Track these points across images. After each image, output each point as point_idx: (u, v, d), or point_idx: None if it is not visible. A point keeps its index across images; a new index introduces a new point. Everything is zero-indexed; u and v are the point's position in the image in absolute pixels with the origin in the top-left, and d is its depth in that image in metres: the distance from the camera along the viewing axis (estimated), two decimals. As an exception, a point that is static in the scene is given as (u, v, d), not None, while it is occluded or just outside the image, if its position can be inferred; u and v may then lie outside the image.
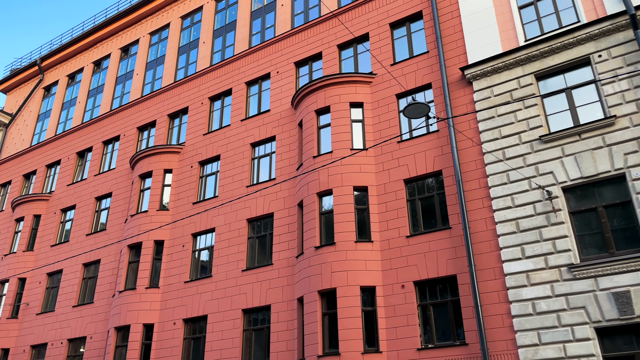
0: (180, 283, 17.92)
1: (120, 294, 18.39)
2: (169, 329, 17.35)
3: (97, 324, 19.28)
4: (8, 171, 26.93)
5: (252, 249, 17.18)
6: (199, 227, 18.51)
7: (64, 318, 20.34)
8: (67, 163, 24.48)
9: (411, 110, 9.03)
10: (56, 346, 19.93)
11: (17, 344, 21.16)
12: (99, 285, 20.07)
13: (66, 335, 19.86)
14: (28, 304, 21.78)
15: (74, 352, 19.66)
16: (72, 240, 22.00)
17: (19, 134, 27.92)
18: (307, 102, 17.19)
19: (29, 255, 22.85)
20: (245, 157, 18.71)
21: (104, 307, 19.42)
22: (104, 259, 20.46)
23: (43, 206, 23.88)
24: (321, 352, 13.59)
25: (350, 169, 15.43)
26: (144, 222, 19.31)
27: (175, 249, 18.70)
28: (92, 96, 25.88)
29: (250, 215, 17.49)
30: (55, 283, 21.81)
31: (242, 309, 16.19)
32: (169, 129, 21.86)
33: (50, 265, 21.96)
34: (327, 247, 14.59)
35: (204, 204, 18.82)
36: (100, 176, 22.75)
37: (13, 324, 21.60)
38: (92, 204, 22.35)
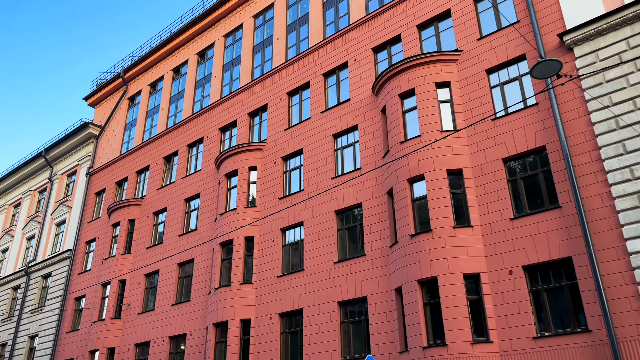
0: (273, 278, 18.00)
1: (216, 291, 18.78)
2: (266, 323, 17.47)
3: (195, 321, 19.83)
4: (102, 180, 28.47)
5: (343, 241, 16.91)
6: (287, 221, 18.51)
7: (163, 316, 21.12)
8: (156, 168, 25.47)
9: (540, 70, 8.22)
10: (158, 344, 20.73)
11: (122, 343, 22.25)
12: (195, 283, 20.64)
13: (167, 333, 20.60)
14: (129, 305, 22.85)
15: (175, 349, 20.35)
16: (165, 241, 22.82)
17: (108, 144, 29.46)
18: (390, 87, 16.65)
19: (127, 258, 23.98)
20: (328, 148, 18.47)
21: (200, 305, 19.94)
22: (197, 258, 21.02)
23: (136, 210, 24.99)
24: (426, 343, 13.05)
25: (442, 152, 14.73)
26: (233, 219, 19.60)
27: (265, 244, 18.82)
28: (173, 102, 26.77)
29: (338, 207, 17.23)
30: (153, 283, 22.73)
31: (338, 302, 15.95)
32: (250, 128, 22.10)
33: (147, 267, 22.91)
34: (423, 234, 14.00)
35: (290, 198, 18.80)
36: (188, 178, 23.44)
37: (117, 324, 22.75)
38: (182, 205, 23.07)
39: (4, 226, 34.82)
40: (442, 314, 12.95)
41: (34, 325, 27.64)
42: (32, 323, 27.87)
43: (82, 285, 25.89)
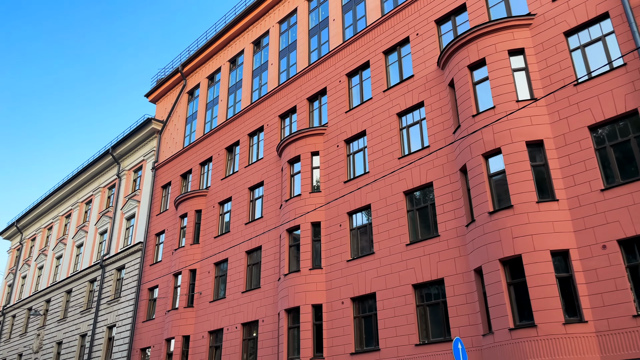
0: (342, 262, 17.74)
1: (286, 277, 18.75)
2: (338, 308, 17.25)
3: (266, 307, 19.93)
4: (167, 173, 29.18)
5: (414, 222, 16.37)
6: (354, 205, 18.15)
7: (235, 304, 21.38)
8: (218, 159, 25.77)
9: None
10: (231, 331, 21.03)
11: (196, 331, 22.76)
12: (264, 270, 20.74)
13: (239, 320, 20.85)
14: (201, 293, 23.32)
15: (248, 336, 20.57)
16: (232, 230, 23.07)
17: (171, 138, 30.13)
18: (457, 59, 15.85)
19: (196, 247, 24.47)
20: (392, 128, 17.91)
21: (271, 291, 20.01)
22: (265, 245, 21.09)
23: (202, 201, 25.42)
24: (512, 325, 12.37)
25: (519, 122, 13.85)
26: (298, 205, 19.47)
27: (332, 229, 18.57)
28: (232, 93, 26.95)
29: (407, 188, 16.69)
30: (223, 272, 23.06)
31: (412, 284, 15.47)
32: (310, 112, 21.84)
33: (216, 256, 23.26)
34: (503, 211, 13.25)
35: (356, 181, 18.41)
36: (250, 167, 23.54)
37: (190, 312, 23.29)
38: (246, 194, 23.21)
39: (77, 222, 36.54)
40: (529, 293, 12.21)
41: (112, 315, 28.86)
42: (109, 314, 29.11)
43: (154, 275, 26.71)
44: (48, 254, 38.89)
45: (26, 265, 41.76)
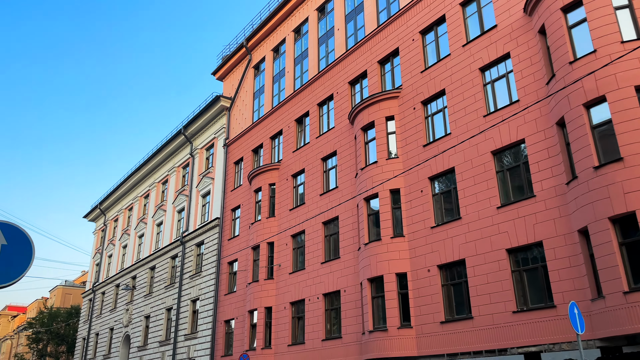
0: (426, 229, 17.03)
1: (366, 247, 18.32)
2: (424, 276, 16.64)
3: (347, 277, 19.65)
4: (238, 149, 29.41)
5: (504, 183, 15.32)
6: (435, 169, 17.29)
7: (315, 275, 21.29)
8: (289, 131, 25.54)
9: None
10: (313, 301, 21.00)
11: (277, 302, 22.97)
12: (342, 240, 20.42)
13: (320, 291, 20.75)
14: (280, 265, 23.44)
15: (330, 306, 20.45)
16: (307, 202, 22.87)
17: (240, 114, 30.25)
18: (548, 2, 14.39)
19: (272, 221, 24.55)
20: (475, 84, 16.75)
21: (351, 261, 19.69)
22: (342, 215, 20.72)
23: (275, 175, 25.38)
24: (627, 288, 11.25)
25: (626, 66, 12.39)
26: (375, 173, 18.85)
27: (413, 195, 17.84)
28: (298, 63, 26.47)
29: (495, 147, 15.60)
30: (300, 244, 23.01)
31: (506, 249, 14.54)
32: (381, 76, 20.97)
33: (292, 228, 23.21)
34: (611, 165, 11.99)
35: (436, 144, 17.50)
36: (322, 137, 23.11)
37: (270, 284, 23.51)
38: (319, 165, 22.86)
39: (156, 202, 37.94)
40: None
41: (194, 289, 29.84)
42: (192, 288, 30.13)
43: (232, 250, 27.19)
44: (130, 233, 40.81)
45: (111, 245, 44.13)
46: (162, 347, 31.36)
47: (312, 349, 20.28)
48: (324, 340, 19.92)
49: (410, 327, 16.45)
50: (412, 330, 16.41)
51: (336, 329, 19.86)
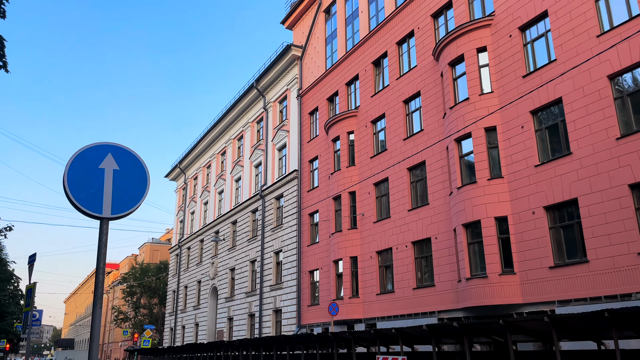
0: (529, 168, 15.54)
1: (459, 191, 17.14)
2: (527, 219, 15.30)
3: (438, 224, 18.66)
4: (312, 99, 28.58)
5: (624, 111, 13.46)
6: (538, 101, 15.57)
7: (401, 223, 20.46)
8: (365, 75, 24.28)
9: None
10: (401, 250, 20.27)
11: (363, 252, 22.46)
12: (430, 186, 19.33)
13: (409, 239, 19.94)
14: (363, 215, 22.80)
15: (420, 254, 19.64)
16: (390, 148, 21.82)
17: (312, 62, 29.24)
18: None
19: (353, 170, 23.78)
20: (584, 2, 14.66)
21: (441, 207, 18.62)
22: (429, 159, 19.54)
23: (353, 122, 24.40)
24: None
25: None
26: (467, 111, 17.38)
27: (512, 132, 16.29)
28: (372, 1, 24.84)
29: (612, 70, 13.68)
30: (384, 191, 22.15)
31: (629, 185, 12.89)
32: (469, 4, 19.06)
33: (375, 176, 22.34)
34: None
35: (538, 73, 15.70)
36: (403, 78, 21.71)
37: (354, 233, 22.99)
38: (401, 107, 21.59)
39: (233, 158, 38.32)
40: None
41: (277, 241, 30.07)
42: (274, 240, 30.38)
43: (313, 201, 26.86)
44: (210, 190, 41.78)
45: (193, 202, 45.56)
46: (249, 297, 32.22)
47: (402, 297, 19.71)
48: (415, 288, 19.26)
49: (513, 273, 15.32)
50: (516, 276, 15.27)
51: (428, 277, 19.09)
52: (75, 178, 3.76)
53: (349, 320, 22.06)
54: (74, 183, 3.74)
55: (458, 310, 17.08)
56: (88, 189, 3.79)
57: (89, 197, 3.77)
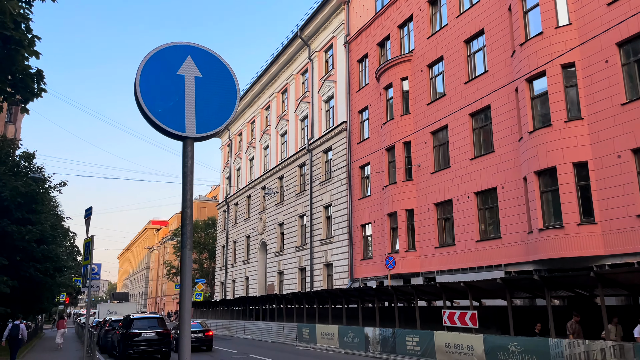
0: (614, 107, 13.97)
1: (531, 135, 15.74)
2: (612, 164, 13.86)
3: (505, 172, 17.38)
4: (361, 45, 27.09)
5: None
6: (627, 31, 13.80)
7: (463, 172, 19.26)
8: (420, 15, 22.58)
9: None
10: (462, 201, 19.16)
11: (419, 204, 21.48)
12: (496, 132, 17.95)
13: (471, 189, 18.78)
14: (419, 165, 21.67)
15: (484, 205, 18.51)
16: (449, 93, 20.38)
17: (360, 5, 27.56)
18: None
19: (407, 118, 22.51)
20: None
21: (509, 154, 17.29)
22: (495, 103, 18.08)
23: (407, 67, 22.93)
24: None
25: None
26: (540, 47, 15.72)
27: (594, 68, 14.62)
28: None
29: None
30: (442, 140, 20.88)
31: None
32: None
33: (432, 125, 21.04)
34: None
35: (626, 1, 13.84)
36: (463, 16, 19.97)
37: (409, 185, 21.97)
38: (462, 48, 19.97)
39: (277, 113, 37.50)
40: None
41: (326, 196, 29.42)
42: (323, 194, 29.74)
43: (363, 153, 25.86)
44: (255, 145, 41.34)
45: (238, 159, 45.39)
46: (298, 252, 32.04)
47: (464, 250, 18.76)
48: (478, 241, 18.24)
49: (593, 223, 14.05)
50: (597, 226, 14.00)
51: (493, 229, 18.01)
52: (150, 86, 2.92)
53: (405, 274, 21.38)
54: (149, 93, 2.91)
55: (528, 263, 16.02)
56: (166, 101, 2.95)
57: (168, 111, 2.94)
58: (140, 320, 17.35)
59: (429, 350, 14.68)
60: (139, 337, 16.53)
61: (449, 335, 14.13)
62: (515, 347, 11.95)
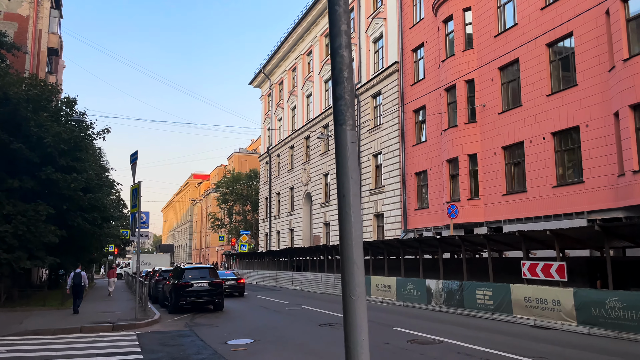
0: None
1: (626, 63, 13.61)
2: None
3: (589, 108, 15.32)
4: (415, -24, 24.63)
5: None
6: None
7: (537, 111, 17.25)
8: None
9: None
10: (536, 143, 17.25)
11: (484, 148, 19.65)
12: (579, 62, 15.77)
13: (547, 129, 16.82)
14: (485, 105, 19.70)
15: (562, 146, 16.57)
16: (521, 22, 18.10)
17: None
18: None
19: (470, 53, 20.37)
20: None
21: (595, 87, 15.16)
22: (578, 30, 15.81)
23: (470, -4, 20.57)
24: None
25: None
26: (643, -43, 13.26)
27: None
28: None
29: None
30: (512, 76, 18.78)
31: None
32: None
33: (500, 58, 18.89)
34: None
35: None
36: None
37: (473, 128, 20.09)
38: (538, -31, 17.49)
39: (320, 57, 35.54)
40: None
41: (375, 143, 27.82)
42: (372, 142, 28.14)
43: (418, 95, 23.94)
44: (297, 94, 39.72)
45: (279, 109, 43.96)
46: (346, 203, 30.83)
47: (537, 197, 17.01)
48: (555, 187, 16.44)
49: None
50: None
51: (574, 173, 16.14)
52: None
53: (467, 224, 19.88)
54: None
55: (618, 209, 14.20)
56: None
57: None
58: (191, 270, 16.68)
59: (505, 305, 13.33)
60: (191, 288, 15.87)
61: (530, 288, 12.69)
62: (615, 303, 10.43)
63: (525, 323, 12.36)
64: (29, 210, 16.03)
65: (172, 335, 11.38)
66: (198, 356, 8.78)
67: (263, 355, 8.75)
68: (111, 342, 10.53)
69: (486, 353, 8.60)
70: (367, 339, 1.83)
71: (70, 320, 13.43)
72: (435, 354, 8.64)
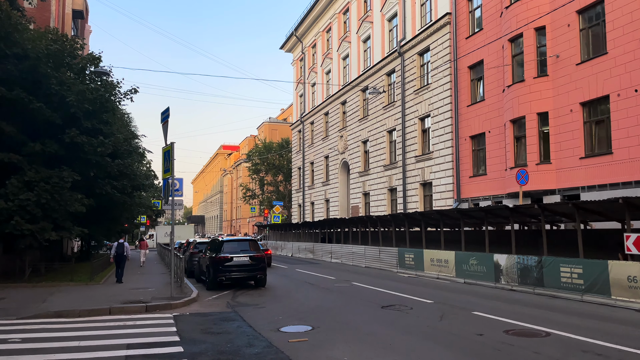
0: None
1: None
2: None
3: (703, 51, 12.74)
4: None
5: None
6: None
7: (627, 59, 14.70)
8: None
9: None
10: (626, 96, 14.77)
11: (557, 105, 17.21)
12: (689, -3, 13.10)
13: (639, 80, 14.32)
14: (558, 56, 17.15)
15: (661, 99, 14.07)
16: (609, -47, 15.36)
17: None
18: None
19: (541, -4, 17.73)
20: None
21: None
22: (690, -44, 13.08)
23: None
24: None
25: None
26: None
27: None
28: None
29: None
30: (594, 19, 16.16)
31: None
32: None
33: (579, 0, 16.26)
34: None
35: None
36: None
37: (544, 82, 17.61)
38: None
39: (358, 15, 32.96)
40: None
41: (422, 105, 25.49)
42: (418, 104, 25.80)
43: (474, 48, 21.42)
44: (332, 56, 37.33)
45: (313, 73, 41.68)
46: (388, 171, 28.79)
47: (627, 160, 14.64)
48: (650, 147, 14.03)
49: None
50: None
51: (676, 131, 13.68)
52: None
53: (535, 192, 17.63)
54: None
55: None
56: None
57: None
58: (230, 243, 15.03)
59: (600, 285, 11.23)
60: (231, 262, 14.24)
61: (636, 266, 10.54)
62: None
63: (629, 307, 10.29)
64: (52, 176, 14.55)
65: (214, 318, 9.75)
66: (250, 350, 7.07)
67: (332, 350, 6.97)
68: (144, 327, 8.96)
69: (621, 352, 6.62)
70: None
71: (99, 299, 11.98)
72: (553, 352, 6.69)
